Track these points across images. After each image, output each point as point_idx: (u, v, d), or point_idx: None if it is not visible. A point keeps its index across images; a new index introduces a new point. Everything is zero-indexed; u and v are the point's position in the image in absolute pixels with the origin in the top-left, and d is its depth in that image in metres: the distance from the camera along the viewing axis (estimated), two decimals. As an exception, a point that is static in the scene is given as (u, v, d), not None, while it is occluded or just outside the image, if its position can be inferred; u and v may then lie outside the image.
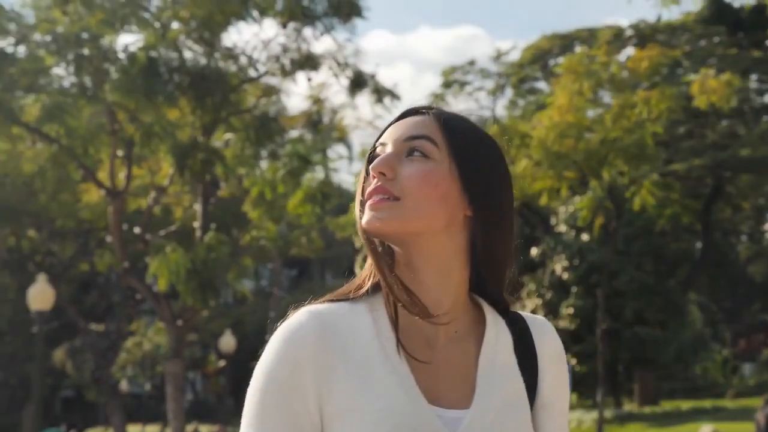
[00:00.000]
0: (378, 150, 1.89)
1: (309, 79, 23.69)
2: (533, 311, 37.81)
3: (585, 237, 36.59)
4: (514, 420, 1.85)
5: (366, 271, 1.92)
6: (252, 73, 23.90)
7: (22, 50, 21.99)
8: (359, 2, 22.52)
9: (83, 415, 50.62)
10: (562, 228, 38.37)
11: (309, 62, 22.85)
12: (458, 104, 43.13)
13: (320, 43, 61.72)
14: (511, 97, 42.69)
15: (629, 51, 33.44)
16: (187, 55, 22.43)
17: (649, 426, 31.69)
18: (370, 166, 1.86)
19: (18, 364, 41.67)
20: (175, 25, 22.06)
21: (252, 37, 23.38)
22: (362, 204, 1.86)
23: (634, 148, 23.65)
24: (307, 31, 23.01)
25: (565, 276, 37.41)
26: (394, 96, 23.46)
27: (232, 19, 21.76)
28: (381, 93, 23.45)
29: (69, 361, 42.79)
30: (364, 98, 24.68)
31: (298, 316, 1.82)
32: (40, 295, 22.83)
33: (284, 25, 22.75)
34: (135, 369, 44.87)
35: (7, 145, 25.80)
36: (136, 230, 24.40)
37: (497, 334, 1.92)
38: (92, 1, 21.12)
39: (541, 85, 41.07)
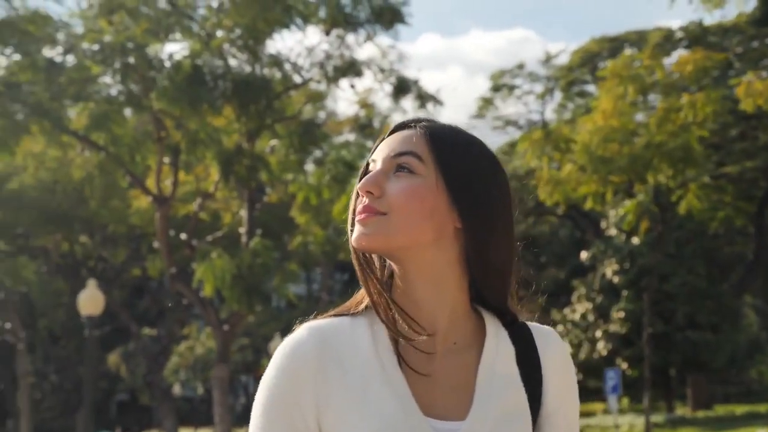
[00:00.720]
0: (370, 167, 1.92)
1: (352, 86, 23.82)
2: (583, 315, 37.69)
3: (635, 240, 36.35)
4: (512, 431, 1.86)
5: (363, 289, 1.94)
6: (296, 79, 24.05)
7: (70, 59, 22.35)
8: (402, 9, 22.62)
9: (137, 419, 51.06)
10: (613, 231, 38.15)
11: (352, 69, 22.98)
12: (507, 108, 43.06)
13: (364, 50, 61.86)
14: (560, 100, 42.49)
15: (681, 53, 33.19)
16: (232, 62, 22.64)
17: (701, 430, 31.40)
18: (358, 186, 1.89)
19: (72, 368, 42.15)
20: (219, 33, 22.27)
21: (296, 44, 23.49)
22: (352, 221, 1.89)
23: (679, 152, 23.49)
24: (350, 38, 23.14)
25: (616, 280, 37.20)
26: (437, 101, 23.54)
27: (275, 26, 21.90)
28: (424, 98, 23.52)
29: (123, 365, 43.24)
30: (410, 103, 24.71)
31: (299, 332, 1.87)
32: (90, 300, 23.11)
33: (327, 32, 22.90)
34: (187, 373, 45.23)
35: (57, 152, 26.20)
36: (183, 236, 24.65)
37: (497, 344, 1.93)
38: (137, 11, 21.41)
39: (591, 88, 40.85)
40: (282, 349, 1.86)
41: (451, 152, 1.89)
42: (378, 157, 1.91)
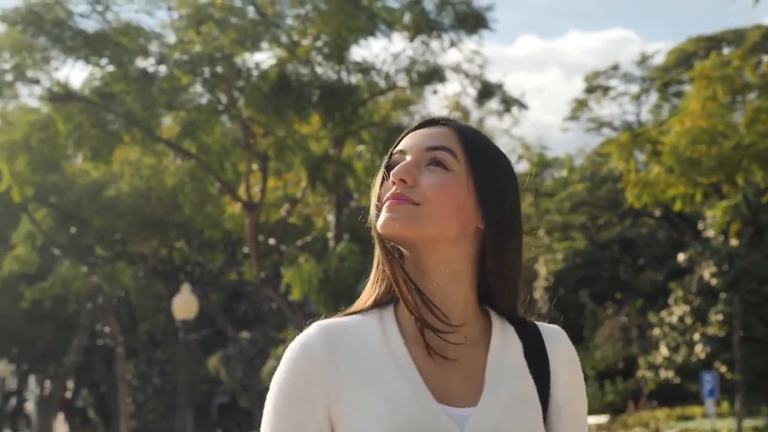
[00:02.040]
0: (396, 157, 1.95)
1: (435, 92, 23.94)
2: (681, 318, 37.21)
3: (734, 242, 35.81)
4: (523, 416, 1.89)
5: (371, 284, 1.99)
6: (382, 86, 24.23)
7: (162, 70, 22.89)
8: (486, 14, 22.68)
9: (237, 421, 51.61)
10: (711, 233, 37.60)
11: (436, 75, 23.08)
12: (601, 110, 42.66)
13: (448, 55, 61.75)
14: (656, 101, 42.00)
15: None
16: (318, 70, 22.92)
17: (803, 435, 30.79)
18: (392, 173, 1.90)
19: (173, 372, 42.87)
20: (304, 41, 22.58)
21: (381, 50, 23.69)
22: (377, 207, 1.92)
23: (769, 153, 23.13)
24: (435, 44, 23.24)
25: (714, 282, 36.64)
26: (522, 105, 23.53)
27: (360, 34, 22.13)
28: (508, 103, 23.54)
29: (222, 368, 43.81)
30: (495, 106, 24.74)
31: (309, 330, 1.91)
32: (185, 305, 23.53)
33: (411, 39, 23.05)
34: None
35: (152, 160, 26.80)
36: (272, 241, 25.01)
37: (504, 339, 1.97)
38: (225, 22, 21.83)
39: (688, 88, 40.33)
40: (292, 347, 1.90)
41: (482, 154, 1.94)
42: (408, 148, 1.94)
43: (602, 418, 34.38)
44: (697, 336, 36.32)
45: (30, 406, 54.20)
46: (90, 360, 43.76)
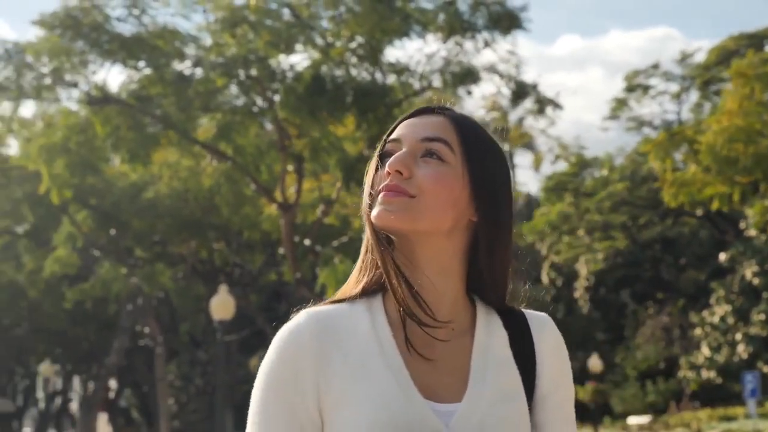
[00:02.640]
0: (390, 146, 1.92)
1: (468, 93, 23.93)
2: (722, 318, 36.95)
3: (776, 241, 35.52)
4: (507, 411, 1.88)
5: (358, 271, 1.97)
6: (416, 86, 24.24)
7: (198, 72, 23.07)
8: (520, 15, 22.63)
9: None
10: (753, 232, 37.31)
11: (470, 75, 23.04)
12: (641, 109, 42.45)
13: (483, 56, 61.44)
14: (696, 100, 41.73)
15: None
16: (353, 71, 22.97)
17: None
18: (387, 164, 1.88)
19: (214, 372, 43.09)
20: (338, 43, 22.65)
21: (416, 51, 23.69)
22: (370, 197, 1.90)
23: (805, 152, 22.98)
24: (469, 45, 23.21)
25: (756, 281, 36.38)
26: (556, 105, 23.47)
27: (393, 35, 22.16)
28: (543, 103, 23.48)
29: (262, 369, 43.89)
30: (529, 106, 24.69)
31: (297, 318, 1.89)
32: (222, 305, 23.60)
33: (445, 40, 23.05)
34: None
35: (190, 161, 26.98)
36: (307, 242, 25.10)
37: (489, 329, 1.95)
38: (260, 24, 21.93)
39: (728, 87, 40.02)
40: (281, 334, 1.88)
41: (478, 146, 1.92)
42: (404, 138, 1.91)
43: (644, 419, 34.22)
44: (739, 336, 36.07)
45: (75, 406, 54.69)
46: (132, 360, 44.09)
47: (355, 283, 1.96)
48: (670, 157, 23.96)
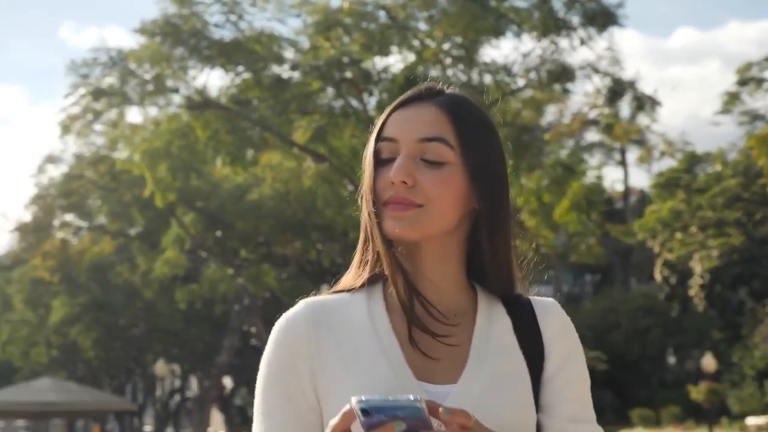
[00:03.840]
0: (385, 145, 1.91)
1: (565, 91, 23.68)
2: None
3: None
4: (505, 393, 1.88)
5: (359, 262, 1.97)
6: (512, 86, 24.08)
7: (296, 75, 23.28)
8: (616, 11, 22.33)
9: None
10: None
11: (565, 74, 22.80)
12: (755, 102, 41.41)
13: (579, 53, 60.36)
14: (813, 93, 40.57)
15: None
16: (448, 72, 22.92)
17: None
18: (392, 174, 1.85)
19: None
20: (432, 44, 22.64)
21: (512, 51, 23.55)
22: (374, 203, 1.89)
23: None
24: (564, 43, 22.98)
25: None
26: (655, 102, 23.10)
27: (487, 35, 22.06)
28: (641, 100, 23.12)
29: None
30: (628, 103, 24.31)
31: (294, 308, 1.92)
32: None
33: (540, 39, 22.85)
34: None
35: (291, 163, 27.24)
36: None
37: (490, 316, 1.95)
38: (355, 26, 22.04)
39: None
40: (278, 324, 1.92)
41: (474, 135, 1.90)
42: (400, 138, 1.89)
43: (762, 419, 33.52)
44: None
45: (191, 405, 55.74)
46: (245, 359, 44.67)
47: (355, 276, 1.97)
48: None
